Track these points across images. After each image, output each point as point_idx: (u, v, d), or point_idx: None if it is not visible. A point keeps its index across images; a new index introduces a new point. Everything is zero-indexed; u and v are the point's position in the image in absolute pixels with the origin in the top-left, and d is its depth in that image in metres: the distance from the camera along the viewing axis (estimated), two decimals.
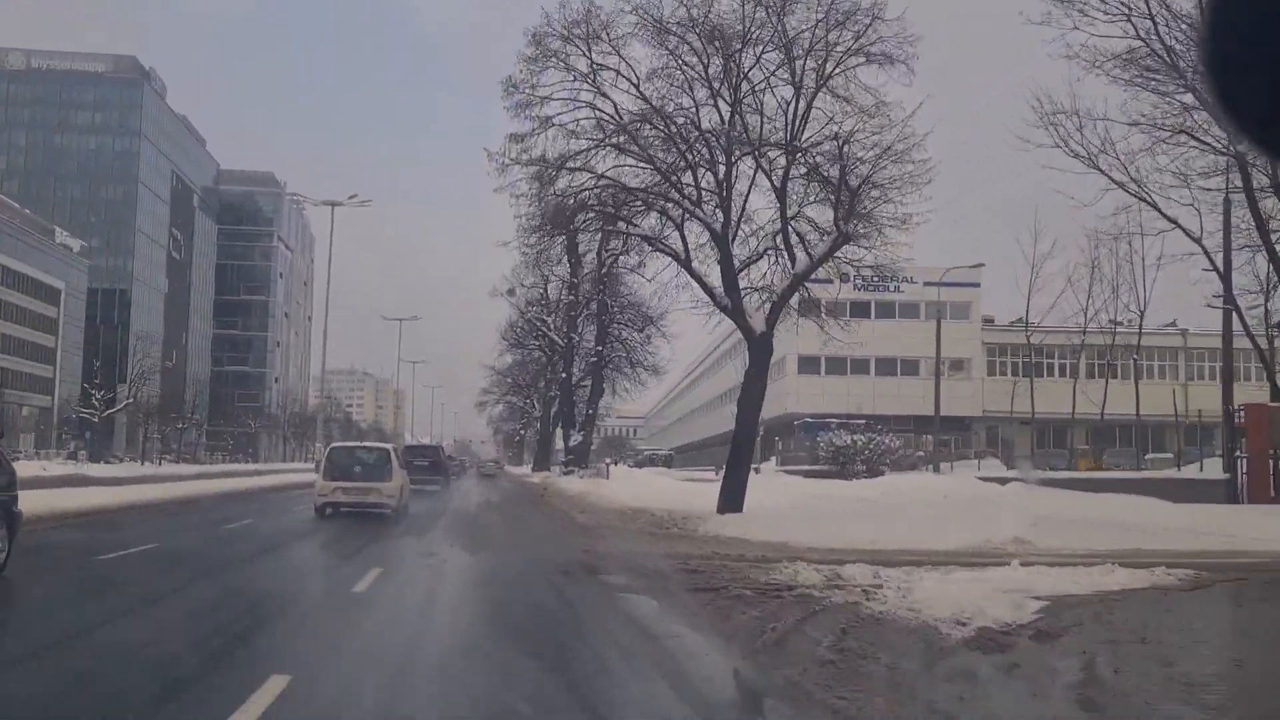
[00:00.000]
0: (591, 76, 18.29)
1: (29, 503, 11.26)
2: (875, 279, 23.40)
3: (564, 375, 45.70)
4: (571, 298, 43.91)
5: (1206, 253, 25.77)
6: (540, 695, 5.42)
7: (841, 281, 56.41)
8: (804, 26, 17.54)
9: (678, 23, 17.75)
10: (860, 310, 63.77)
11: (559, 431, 74.33)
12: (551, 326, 46.37)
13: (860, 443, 40.72)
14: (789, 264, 19.12)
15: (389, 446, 22.65)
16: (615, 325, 44.18)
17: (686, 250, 18.95)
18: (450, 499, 29.49)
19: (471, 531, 17.36)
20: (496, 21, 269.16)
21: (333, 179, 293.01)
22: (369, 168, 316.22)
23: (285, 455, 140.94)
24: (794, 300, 20.39)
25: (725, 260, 18.75)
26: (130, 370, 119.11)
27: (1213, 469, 26.29)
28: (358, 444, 26.79)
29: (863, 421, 46.61)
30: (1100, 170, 23.17)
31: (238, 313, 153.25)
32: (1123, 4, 18.22)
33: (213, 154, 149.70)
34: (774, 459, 54.11)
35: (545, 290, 46.75)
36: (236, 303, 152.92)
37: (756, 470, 53.77)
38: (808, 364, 59.64)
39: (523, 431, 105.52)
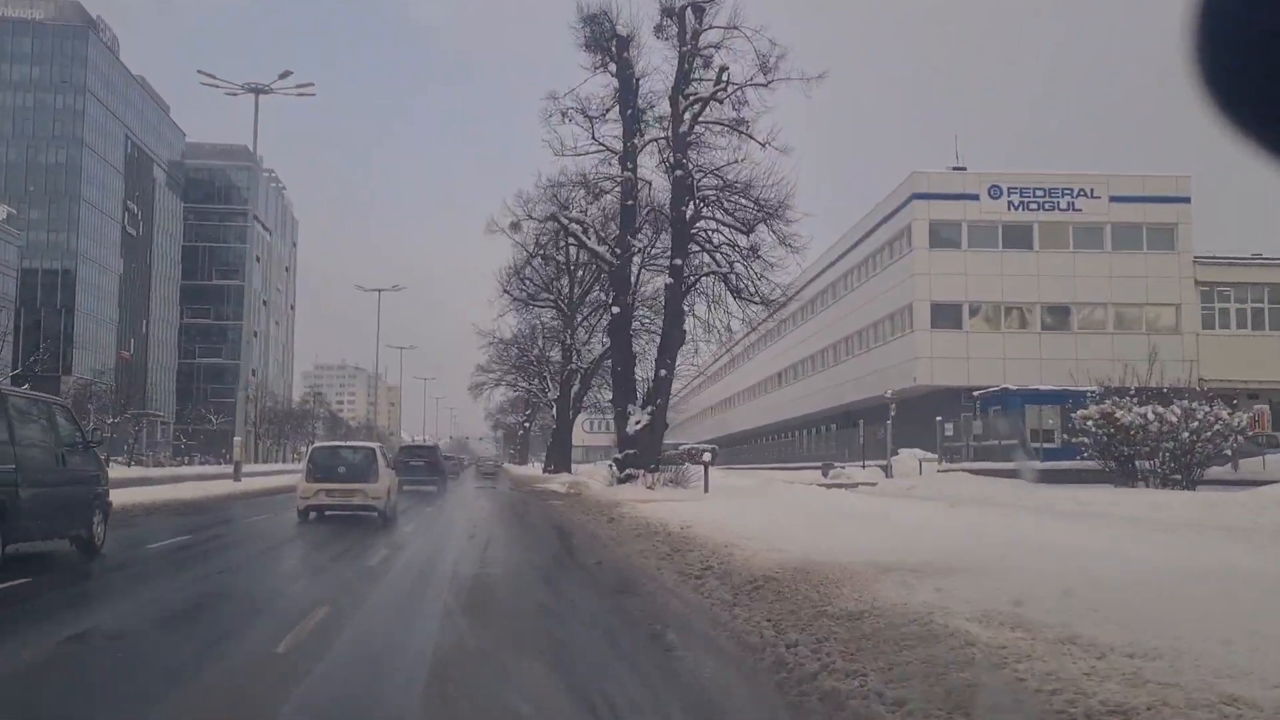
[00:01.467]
0: None
1: None
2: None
3: (616, 312, 25.56)
4: (628, 173, 24.30)
5: None
6: None
7: (991, 197, 36.87)
8: None
9: None
10: (1018, 237, 43.83)
11: (575, 422, 54.68)
12: (592, 232, 26.21)
13: (1177, 419, 21.07)
14: None
15: (374, 445, 20.60)
16: (703, 225, 24.55)
17: None
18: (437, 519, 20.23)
19: None
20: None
21: (326, 171, 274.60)
22: (363, 158, 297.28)
23: (260, 456, 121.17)
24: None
25: None
26: (72, 357, 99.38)
27: None
28: (341, 443, 25.81)
29: (1094, 390, 26.64)
30: None
31: (209, 299, 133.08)
32: None
33: (179, 123, 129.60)
34: (918, 451, 34.62)
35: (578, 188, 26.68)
36: (208, 288, 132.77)
37: (886, 471, 34.08)
38: (944, 314, 40.06)
39: (527, 424, 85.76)
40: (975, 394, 29.72)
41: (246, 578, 10.25)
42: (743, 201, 23.81)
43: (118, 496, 22.00)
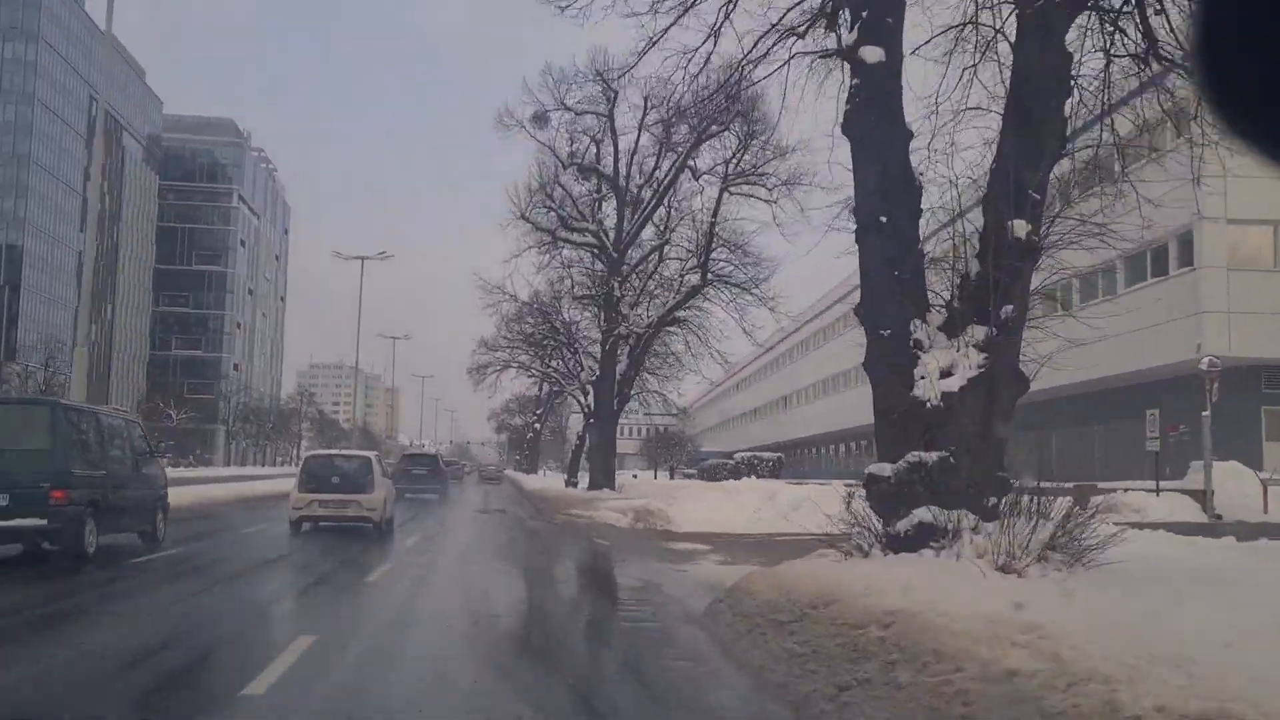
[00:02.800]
0: None
1: None
2: None
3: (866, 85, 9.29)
4: None
5: None
6: None
7: None
8: None
9: None
10: None
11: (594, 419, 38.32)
12: None
13: None
14: None
15: (370, 454, 19.17)
16: None
17: None
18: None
19: None
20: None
21: (322, 159, 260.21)
22: (357, 153, 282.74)
23: (237, 458, 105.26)
24: None
25: None
26: (16, 341, 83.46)
27: None
28: (336, 452, 23.10)
29: None
30: None
31: (188, 286, 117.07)
32: None
33: (155, 89, 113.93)
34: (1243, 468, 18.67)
35: None
36: (186, 273, 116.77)
37: (1201, 502, 18.71)
38: (1248, 245, 24.18)
39: (538, 425, 69.76)
40: None
41: None
42: None
43: None
